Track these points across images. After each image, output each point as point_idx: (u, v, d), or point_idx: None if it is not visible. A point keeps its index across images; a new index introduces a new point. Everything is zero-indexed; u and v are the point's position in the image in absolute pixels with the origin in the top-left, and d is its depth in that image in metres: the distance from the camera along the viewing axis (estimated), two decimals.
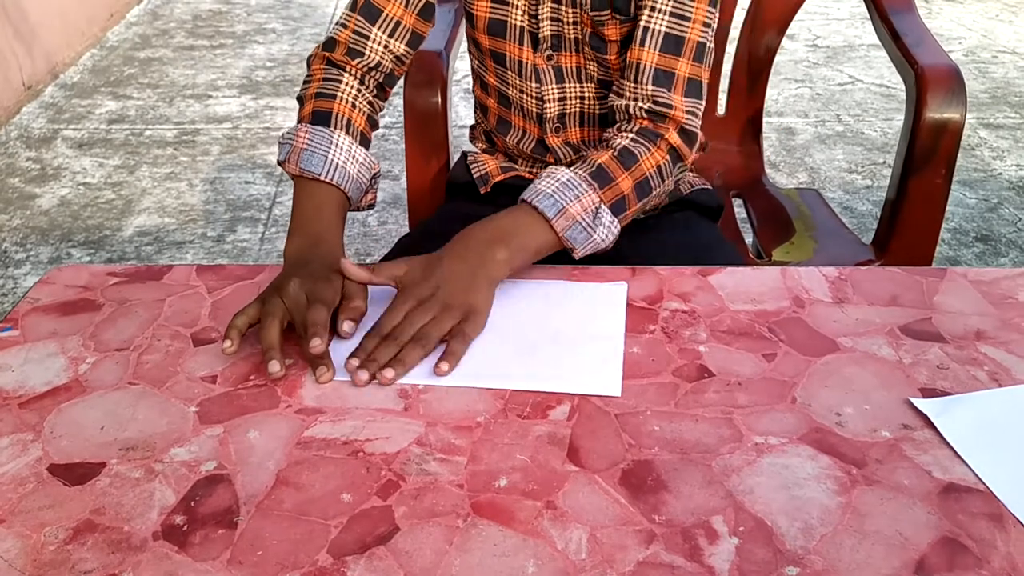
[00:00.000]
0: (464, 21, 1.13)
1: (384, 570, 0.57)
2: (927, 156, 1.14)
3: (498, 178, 1.14)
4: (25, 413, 0.72)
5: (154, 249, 2.41)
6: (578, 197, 0.89)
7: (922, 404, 0.71)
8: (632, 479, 0.65)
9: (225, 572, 0.57)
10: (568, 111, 1.08)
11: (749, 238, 1.45)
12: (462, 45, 1.37)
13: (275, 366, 0.76)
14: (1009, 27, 4.42)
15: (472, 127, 1.23)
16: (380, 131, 3.13)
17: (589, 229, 0.90)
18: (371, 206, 1.06)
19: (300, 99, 1.02)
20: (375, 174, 1.01)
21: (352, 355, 0.77)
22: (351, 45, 1.02)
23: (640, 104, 0.97)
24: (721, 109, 1.54)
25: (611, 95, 1.01)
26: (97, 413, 0.72)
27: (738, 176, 1.48)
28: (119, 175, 2.82)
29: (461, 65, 3.52)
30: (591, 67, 1.05)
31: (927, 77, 1.13)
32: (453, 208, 1.18)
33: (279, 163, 0.98)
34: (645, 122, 0.97)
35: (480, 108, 1.17)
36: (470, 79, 3.66)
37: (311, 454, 0.67)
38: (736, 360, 0.78)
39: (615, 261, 0.93)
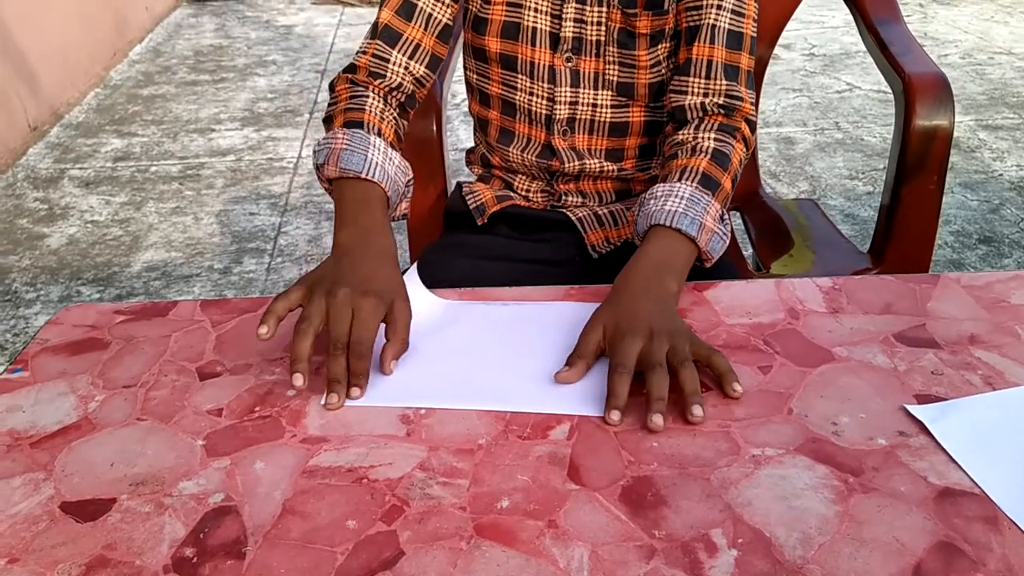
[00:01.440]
0: (462, 39, 1.15)
1: None
2: (919, 163, 1.15)
3: (494, 208, 1.16)
4: (37, 452, 0.73)
5: (162, 284, 2.44)
6: (706, 209, 0.92)
7: (917, 411, 0.72)
8: (632, 495, 0.66)
9: None
10: (579, 117, 1.08)
11: (748, 251, 1.47)
12: (456, 72, 1.39)
13: (299, 379, 0.76)
14: (1005, 28, 4.44)
15: (469, 151, 1.24)
16: None
17: (724, 237, 0.93)
18: (404, 216, 1.06)
19: (328, 119, 1.03)
20: (409, 180, 1.02)
21: (610, 406, 0.74)
22: (372, 68, 1.04)
23: (715, 99, 1.00)
24: None
25: (672, 96, 1.03)
26: (107, 450, 0.73)
27: (735, 188, 1.49)
28: (126, 212, 2.85)
29: (459, 88, 3.56)
30: (611, 72, 1.06)
31: (914, 85, 1.14)
32: (452, 239, 1.19)
33: (316, 168, 0.98)
34: (720, 118, 1.00)
35: (479, 124, 1.18)
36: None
37: (316, 482, 0.69)
38: None
39: (608, 278, 0.95)
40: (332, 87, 1.07)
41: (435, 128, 1.21)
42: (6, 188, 3.05)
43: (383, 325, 0.82)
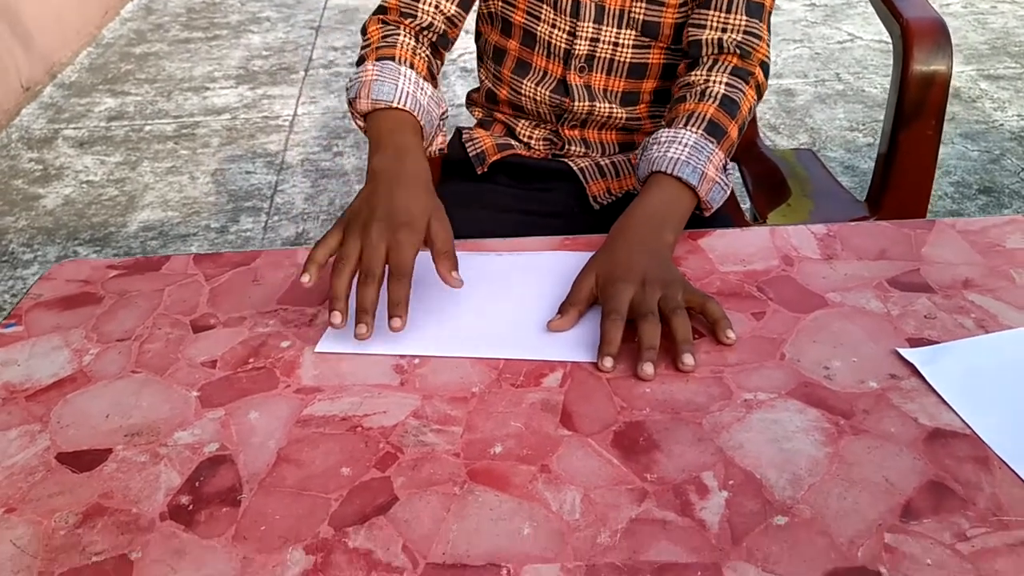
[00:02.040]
0: None
1: (384, 539, 0.59)
2: (916, 109, 1.14)
3: (494, 157, 1.14)
4: (32, 405, 0.74)
5: (159, 243, 2.43)
6: (709, 158, 0.91)
7: (909, 354, 0.72)
8: (624, 440, 0.66)
9: (230, 548, 0.59)
10: (598, 55, 1.06)
11: (747, 204, 1.46)
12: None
13: (337, 318, 0.75)
14: None
15: (472, 92, 1.22)
16: None
17: (725, 188, 0.92)
18: (441, 151, 1.05)
19: (361, 60, 1.01)
20: (444, 112, 1.01)
21: (603, 353, 0.74)
22: (402, 8, 1.03)
23: (733, 36, 0.98)
24: None
25: (690, 30, 1.01)
26: (102, 402, 0.74)
27: None
28: (121, 172, 2.84)
29: (457, 44, 3.52)
30: (637, 9, 1.04)
31: (912, 30, 1.13)
32: (451, 188, 1.18)
33: (349, 103, 0.97)
34: (735, 59, 0.98)
35: (494, 55, 1.15)
36: (466, 58, 3.67)
37: (310, 431, 0.69)
38: None
39: (607, 229, 0.94)
40: (364, 30, 1.05)
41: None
42: (0, 149, 3.03)
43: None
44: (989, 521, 0.58)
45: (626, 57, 1.06)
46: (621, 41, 1.05)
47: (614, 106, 1.09)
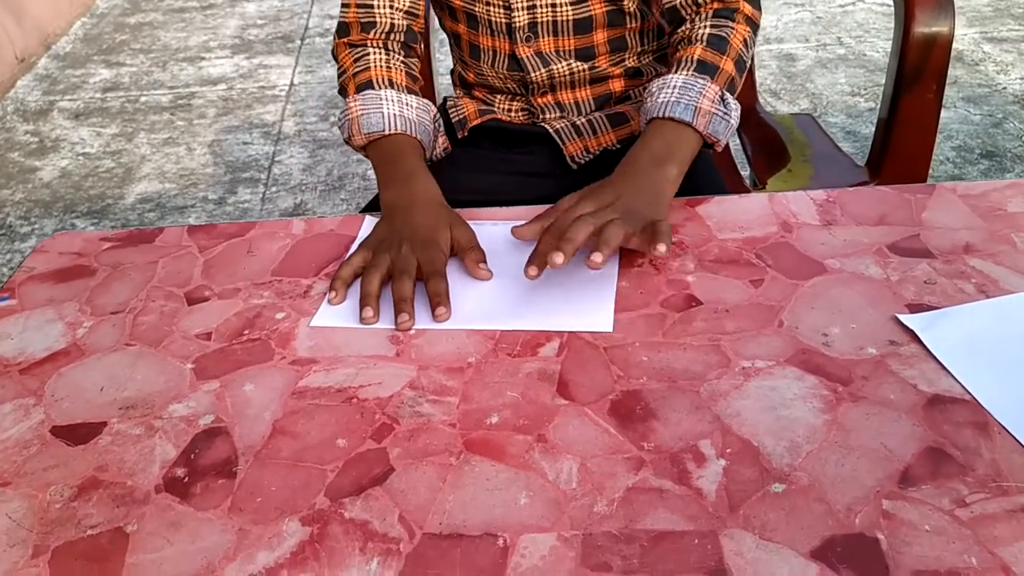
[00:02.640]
0: None
1: (380, 509, 0.59)
2: (917, 72, 1.12)
3: (475, 121, 1.14)
4: (26, 379, 0.73)
5: (157, 215, 2.42)
6: (701, 93, 0.90)
7: (908, 319, 0.71)
8: (621, 409, 0.66)
9: (226, 519, 0.59)
10: (539, 19, 1.05)
11: (746, 172, 1.44)
12: None
13: (368, 312, 0.77)
14: None
15: (452, 71, 1.22)
16: None
17: (726, 117, 0.91)
18: (446, 151, 1.08)
19: (342, 90, 1.04)
20: (434, 116, 1.03)
21: (530, 262, 0.79)
22: (361, 20, 1.04)
23: None
24: None
25: None
26: (96, 375, 0.73)
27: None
28: (117, 143, 2.82)
29: None
30: None
31: None
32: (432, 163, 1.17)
33: (346, 142, 1.00)
34: (715, 4, 0.98)
35: (453, 42, 1.15)
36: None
37: (306, 403, 0.69)
38: (724, 288, 0.78)
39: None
40: (335, 56, 1.07)
41: (422, 46, 1.18)
42: None
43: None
44: (988, 487, 0.57)
45: (567, 15, 1.04)
46: (557, 1, 1.03)
47: (571, 62, 1.07)
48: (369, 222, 0.92)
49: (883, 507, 0.56)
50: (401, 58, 1.04)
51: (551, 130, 1.10)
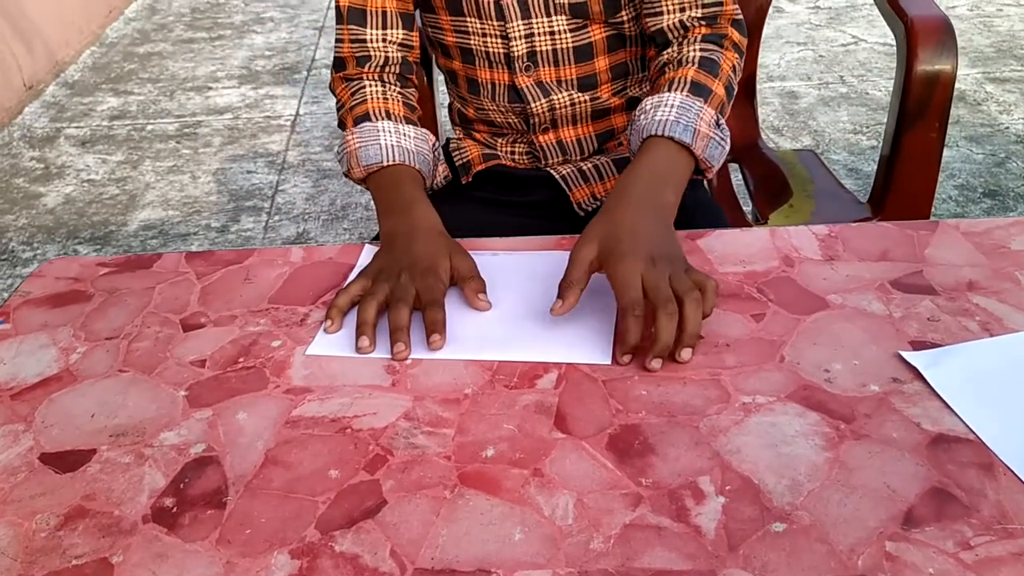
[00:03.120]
0: None
1: (371, 543, 0.58)
2: (920, 109, 1.12)
3: (480, 167, 1.13)
4: (17, 404, 0.72)
5: (159, 242, 2.42)
6: (699, 115, 0.89)
7: (912, 357, 0.70)
8: (619, 444, 0.65)
9: (214, 551, 0.58)
10: (538, 48, 1.04)
11: (749, 207, 1.44)
12: None
13: (364, 341, 0.76)
14: None
15: (449, 108, 1.21)
16: None
17: (722, 143, 0.90)
18: (446, 179, 1.07)
19: (341, 124, 1.04)
20: (434, 144, 1.02)
21: (623, 351, 0.73)
22: (356, 55, 1.04)
23: (693, 13, 0.97)
24: None
25: (647, 20, 1.00)
26: (88, 401, 0.72)
27: (734, 141, 1.45)
28: (122, 171, 2.83)
29: None
30: None
31: (916, 28, 1.11)
32: (439, 192, 1.16)
33: (346, 175, 1.01)
34: (703, 29, 0.97)
35: (450, 80, 1.15)
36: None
37: (299, 432, 0.68)
38: (724, 322, 0.77)
39: None
40: (332, 90, 1.07)
41: (426, 81, 1.18)
42: (2, 147, 3.03)
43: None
44: (993, 529, 0.56)
45: (567, 43, 1.04)
46: (555, 29, 1.03)
47: (573, 92, 1.06)
48: (368, 251, 0.91)
49: (886, 549, 0.55)
50: (398, 89, 1.04)
51: (557, 176, 1.10)
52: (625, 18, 1.03)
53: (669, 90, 0.91)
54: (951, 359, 0.70)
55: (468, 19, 1.05)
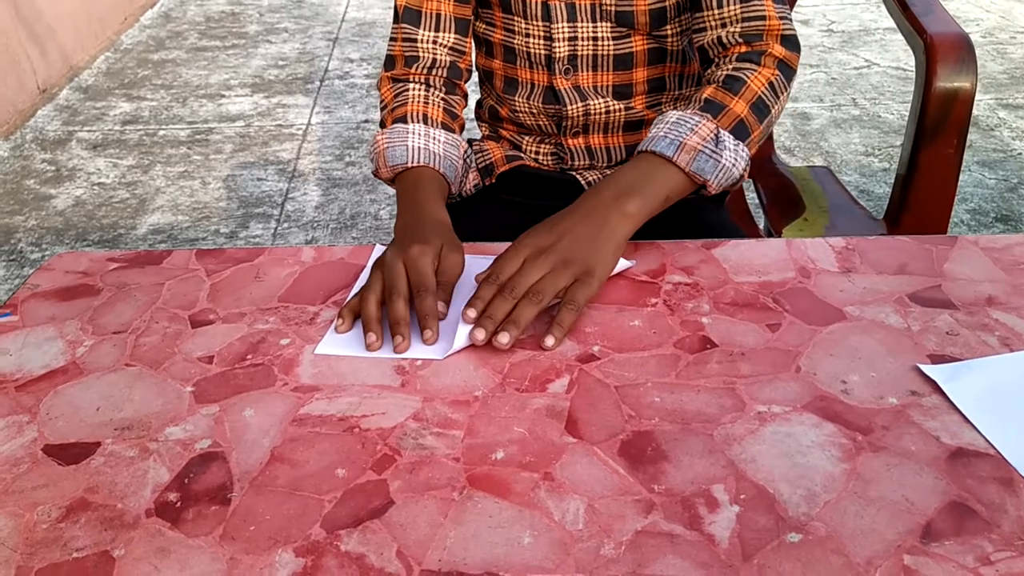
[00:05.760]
0: None
1: (377, 543, 0.57)
2: (938, 127, 1.12)
3: (503, 168, 1.13)
4: (22, 396, 0.72)
5: (168, 246, 2.42)
6: (693, 129, 0.87)
7: (931, 370, 0.69)
8: (631, 449, 0.63)
9: (217, 547, 0.57)
10: (580, 52, 1.04)
11: (762, 223, 1.43)
12: None
13: (372, 337, 0.76)
14: None
15: (477, 106, 1.21)
16: None
17: (715, 155, 0.87)
18: (476, 187, 1.08)
19: (382, 124, 1.04)
20: (465, 151, 1.02)
21: (469, 304, 0.76)
22: (406, 54, 1.05)
23: (732, 29, 0.96)
24: None
25: (693, 36, 1.00)
26: (93, 395, 0.71)
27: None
28: (133, 175, 2.83)
29: None
30: (607, 1, 1.01)
31: (936, 46, 1.11)
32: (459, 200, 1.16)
33: (375, 175, 1.01)
34: (742, 47, 0.96)
35: (485, 77, 1.15)
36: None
37: (306, 431, 0.67)
38: (739, 331, 0.76)
39: None
40: (379, 89, 1.08)
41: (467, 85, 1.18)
42: (14, 149, 3.04)
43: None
44: (1014, 545, 0.55)
45: (608, 50, 1.04)
46: (599, 35, 1.03)
47: (608, 99, 1.06)
48: (379, 251, 0.90)
49: (904, 562, 0.54)
50: (442, 95, 1.05)
51: (583, 182, 1.09)
52: (669, 32, 1.03)
53: (677, 108, 0.92)
54: (970, 373, 0.69)
55: (515, 18, 1.05)
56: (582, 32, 1.03)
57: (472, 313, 0.76)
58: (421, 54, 1.05)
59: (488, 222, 1.10)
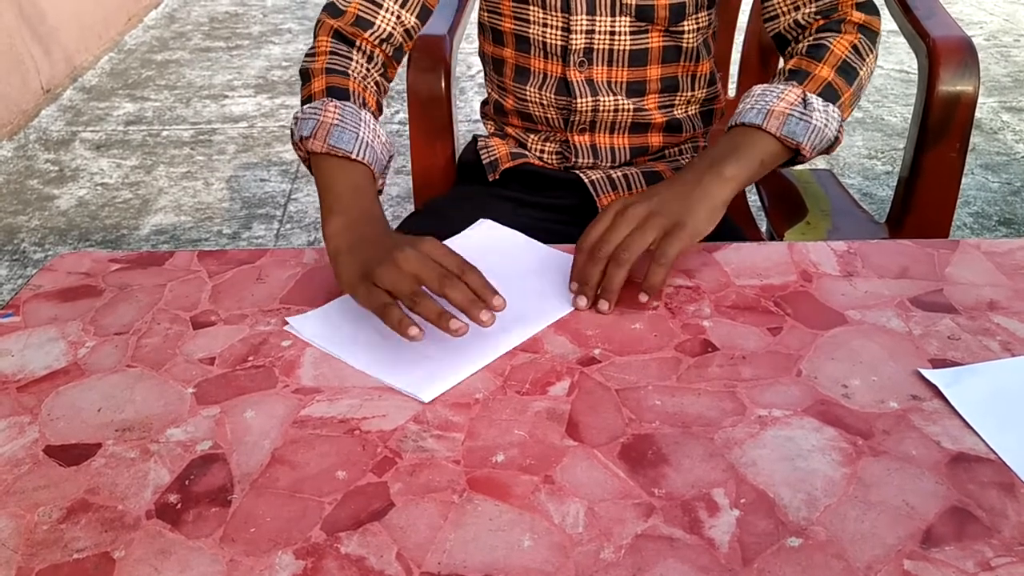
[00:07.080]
0: None
1: (377, 545, 0.57)
2: (941, 130, 1.11)
3: (507, 165, 1.13)
4: (23, 396, 0.72)
5: (170, 247, 2.42)
6: (780, 96, 0.88)
7: (932, 375, 0.69)
8: (632, 453, 0.63)
9: (217, 549, 0.57)
10: (596, 46, 1.04)
11: (764, 226, 1.43)
12: (467, 29, 1.36)
13: (414, 330, 0.70)
14: None
15: (483, 102, 1.21)
16: (394, 126, 3.13)
17: (804, 118, 0.88)
18: (379, 192, 1.03)
19: (306, 72, 0.97)
20: (391, 156, 0.99)
21: (571, 278, 0.81)
22: (361, 14, 0.98)
23: (806, 10, 0.97)
24: (731, 92, 1.51)
25: (767, 26, 1.01)
26: (95, 396, 0.71)
27: None
28: (136, 175, 2.84)
29: (475, 60, 3.51)
30: None
31: (939, 49, 1.10)
32: (463, 190, 1.16)
33: (300, 139, 0.90)
34: (820, 21, 0.97)
35: (494, 66, 1.14)
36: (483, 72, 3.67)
37: (307, 432, 0.67)
38: (741, 334, 0.76)
39: None
40: (315, 31, 1.00)
41: (443, 85, 1.18)
42: (18, 149, 3.04)
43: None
44: (1015, 550, 0.55)
45: (625, 45, 1.03)
46: (617, 29, 1.02)
47: (619, 97, 1.06)
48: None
49: (904, 567, 0.54)
50: (377, 76, 0.99)
51: (586, 180, 1.09)
52: (686, 28, 1.03)
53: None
54: (972, 378, 0.69)
55: (531, 8, 1.05)
56: (601, 25, 1.03)
57: (575, 286, 0.80)
58: (379, 24, 0.98)
59: (490, 217, 1.10)
